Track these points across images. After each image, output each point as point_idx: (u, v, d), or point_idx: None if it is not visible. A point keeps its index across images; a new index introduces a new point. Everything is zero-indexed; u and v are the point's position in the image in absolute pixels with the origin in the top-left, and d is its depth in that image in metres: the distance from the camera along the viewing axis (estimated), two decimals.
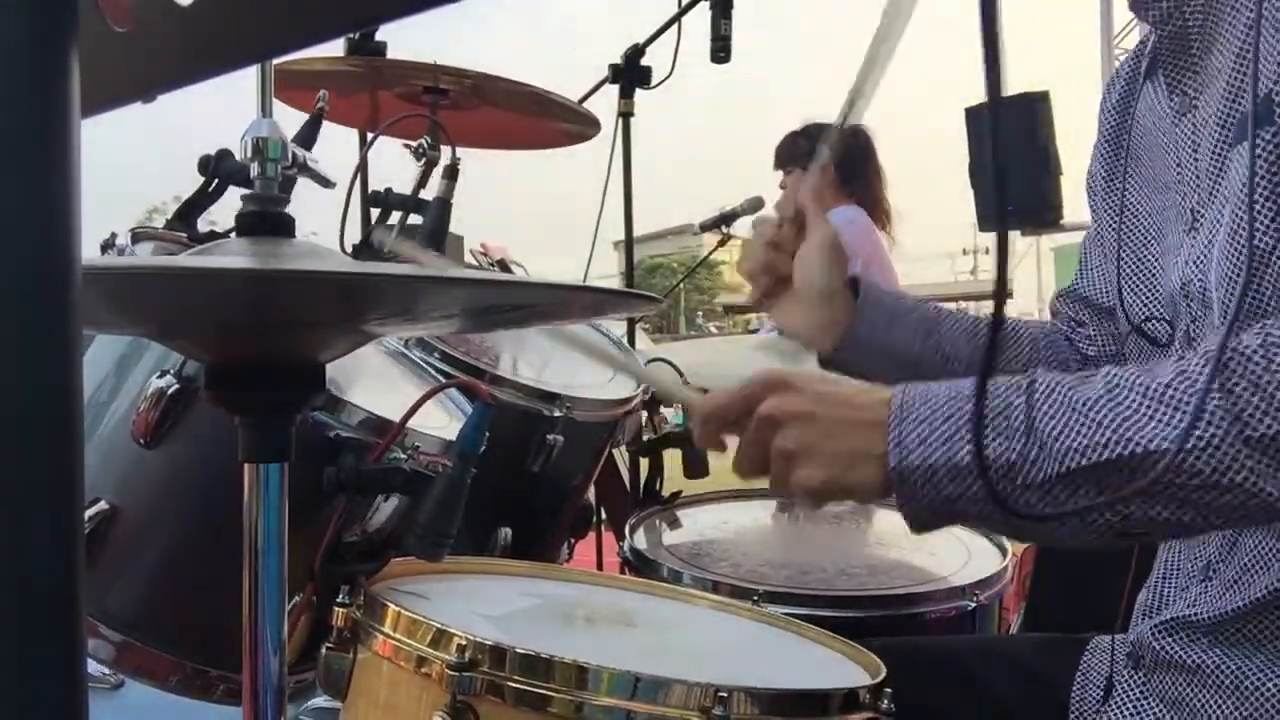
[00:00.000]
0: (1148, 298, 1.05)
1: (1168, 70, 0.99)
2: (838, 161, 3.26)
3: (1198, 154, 0.96)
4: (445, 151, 1.61)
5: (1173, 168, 1.00)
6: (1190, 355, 0.76)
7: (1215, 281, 0.87)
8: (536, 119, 1.98)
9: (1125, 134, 1.09)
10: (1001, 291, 0.66)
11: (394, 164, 1.78)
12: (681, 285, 19.45)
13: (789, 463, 0.83)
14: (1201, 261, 0.92)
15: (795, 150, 3.29)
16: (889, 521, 1.85)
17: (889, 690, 0.91)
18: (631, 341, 2.26)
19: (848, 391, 0.85)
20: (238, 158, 0.85)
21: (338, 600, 0.96)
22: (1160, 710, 0.96)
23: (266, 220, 0.81)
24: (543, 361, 1.59)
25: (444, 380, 1.34)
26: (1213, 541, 0.96)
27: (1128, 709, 0.98)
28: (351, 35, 1.92)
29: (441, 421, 1.24)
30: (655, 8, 2.42)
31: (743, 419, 0.86)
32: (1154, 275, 1.04)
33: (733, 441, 0.89)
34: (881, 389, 0.83)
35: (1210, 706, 0.91)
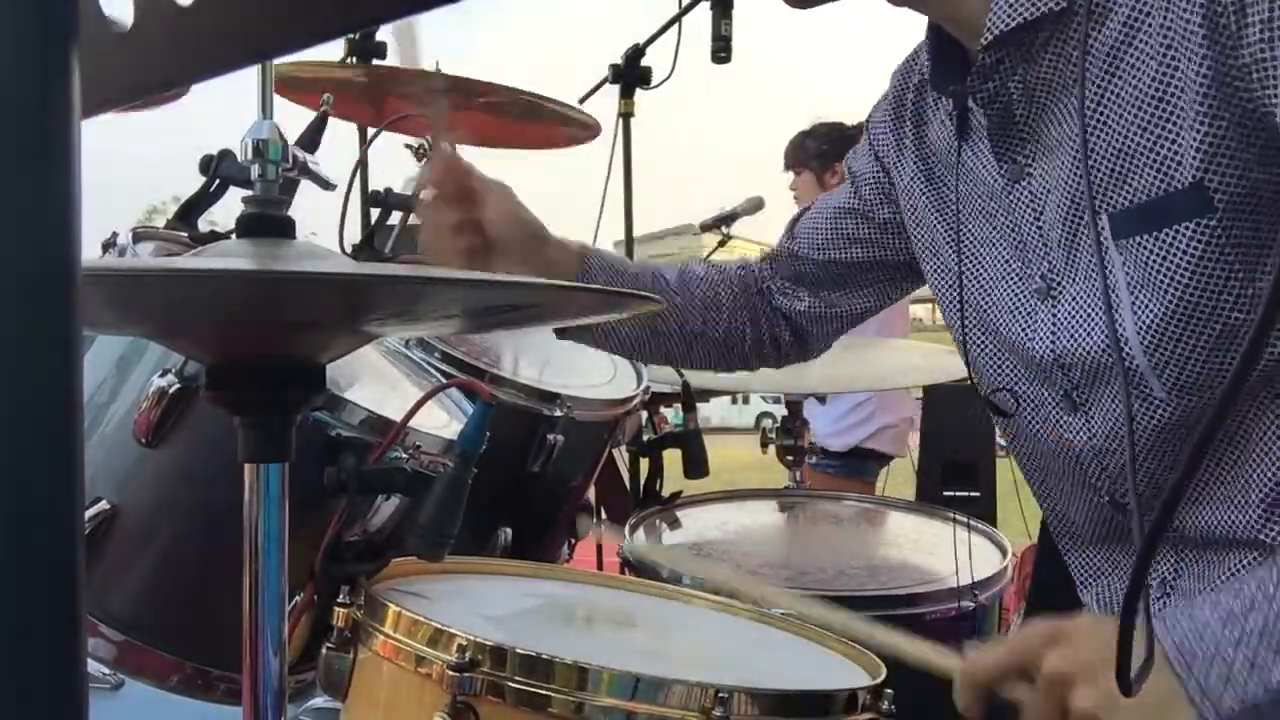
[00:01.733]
0: (996, 369, 1.06)
1: (995, 140, 0.99)
2: (824, 164, 3.25)
3: (1041, 222, 0.97)
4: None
5: (1007, 232, 1.01)
6: None
7: (1154, 361, 0.88)
8: (536, 123, 1.97)
9: (947, 199, 1.09)
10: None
11: (394, 164, 1.79)
12: None
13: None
14: (1082, 333, 0.94)
15: (804, 150, 3.29)
16: (889, 521, 1.85)
17: (890, 691, 0.91)
18: None
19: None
20: (238, 158, 0.85)
21: (338, 600, 0.96)
22: None
23: (267, 221, 0.81)
24: (543, 361, 1.59)
25: (444, 380, 1.34)
26: (1165, 560, 0.99)
27: None
28: (352, 35, 1.92)
29: (442, 421, 1.24)
30: (655, 8, 2.42)
31: (1016, 679, 0.81)
32: (1000, 345, 1.05)
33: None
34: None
35: None
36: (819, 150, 3.25)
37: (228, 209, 1.10)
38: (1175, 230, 0.85)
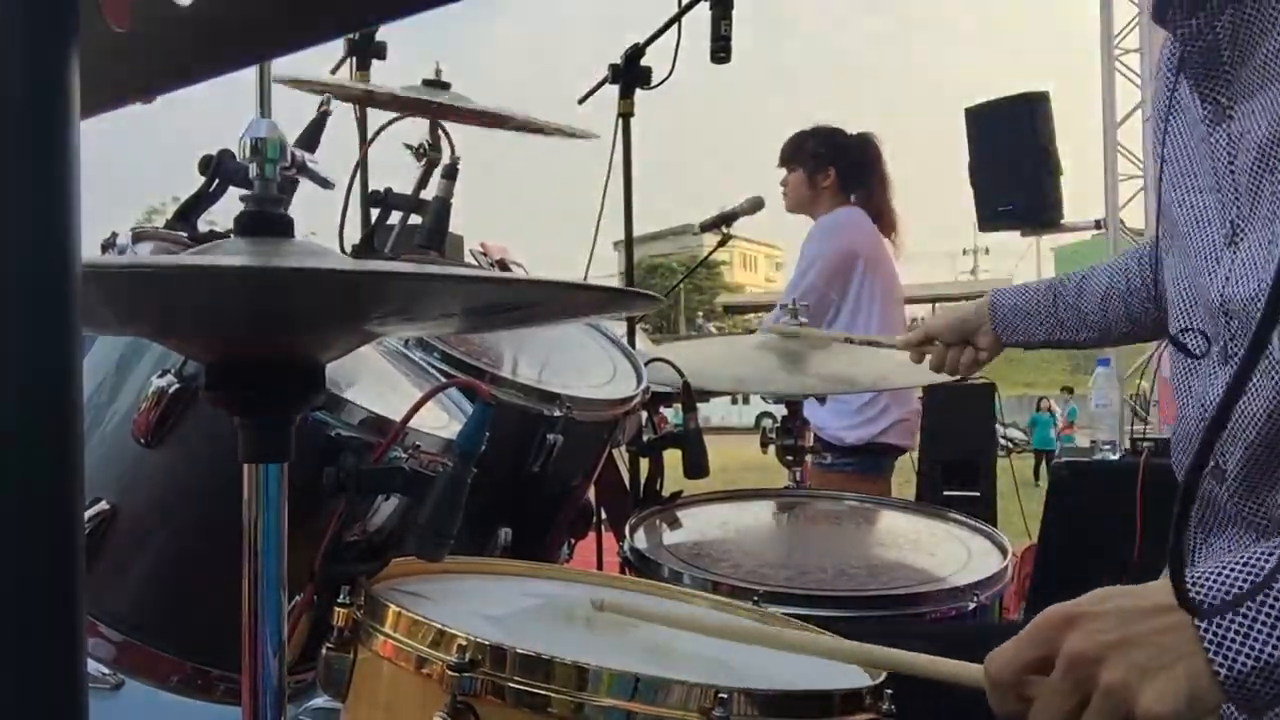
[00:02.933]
0: (1185, 309, 1.05)
1: (1198, 79, 0.99)
2: (841, 167, 3.26)
3: (1234, 167, 0.96)
4: (445, 151, 1.61)
5: (1209, 174, 1.00)
6: None
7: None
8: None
9: (1161, 134, 1.09)
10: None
11: (394, 164, 1.79)
12: (681, 285, 19.47)
13: (1126, 694, 0.74)
14: (1245, 281, 0.93)
15: (801, 150, 3.30)
16: (889, 521, 1.85)
17: (889, 691, 0.91)
18: (631, 341, 2.26)
19: (1143, 596, 0.78)
20: (237, 158, 0.85)
21: (338, 600, 0.96)
22: None
23: (265, 219, 0.81)
24: (543, 361, 1.59)
25: (444, 380, 1.34)
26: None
27: None
28: (351, 35, 1.92)
29: (442, 421, 1.24)
30: (655, 8, 2.41)
31: (1040, 667, 0.78)
32: (1191, 285, 1.04)
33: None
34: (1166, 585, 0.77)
35: None
36: (816, 151, 3.27)
37: (228, 210, 1.10)
38: None
